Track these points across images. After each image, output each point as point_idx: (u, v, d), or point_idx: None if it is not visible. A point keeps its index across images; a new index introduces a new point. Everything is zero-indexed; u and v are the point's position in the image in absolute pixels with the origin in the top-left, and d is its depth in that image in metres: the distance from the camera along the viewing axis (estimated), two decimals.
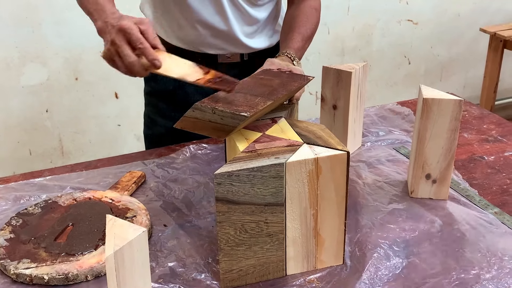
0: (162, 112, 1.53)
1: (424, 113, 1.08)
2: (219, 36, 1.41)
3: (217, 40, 1.42)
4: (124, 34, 1.01)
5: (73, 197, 1.14)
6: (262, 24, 1.46)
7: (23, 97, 2.44)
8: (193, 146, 1.35)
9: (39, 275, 0.93)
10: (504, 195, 1.16)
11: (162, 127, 1.53)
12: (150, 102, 1.57)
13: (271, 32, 1.50)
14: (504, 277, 0.93)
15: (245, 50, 1.46)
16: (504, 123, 1.47)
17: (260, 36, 1.47)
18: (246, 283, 0.93)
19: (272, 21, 1.50)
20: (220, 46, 1.43)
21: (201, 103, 0.95)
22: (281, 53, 1.31)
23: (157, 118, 1.55)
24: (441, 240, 1.02)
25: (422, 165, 1.13)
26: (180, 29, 1.41)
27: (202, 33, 1.40)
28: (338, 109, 1.27)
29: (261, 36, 1.48)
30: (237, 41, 1.43)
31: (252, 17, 1.42)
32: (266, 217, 0.89)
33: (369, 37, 3.09)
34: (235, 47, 1.44)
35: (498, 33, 3.01)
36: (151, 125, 1.57)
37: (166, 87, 1.49)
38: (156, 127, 1.55)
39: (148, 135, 1.59)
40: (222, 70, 1.44)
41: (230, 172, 0.85)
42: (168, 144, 1.39)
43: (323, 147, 0.92)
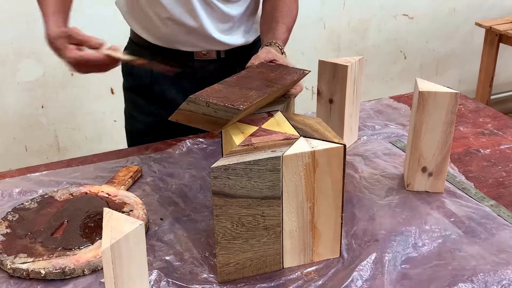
0: (141, 108, 1.51)
1: (420, 106, 1.08)
2: (191, 33, 1.37)
3: (190, 38, 1.38)
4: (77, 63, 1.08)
5: (69, 192, 1.14)
6: (238, 21, 1.42)
7: (19, 94, 2.43)
8: (190, 141, 1.35)
9: (36, 270, 0.93)
10: (500, 187, 1.17)
11: (141, 123, 1.52)
12: (129, 98, 1.55)
13: (248, 28, 1.47)
14: (501, 269, 0.94)
15: (220, 47, 1.42)
16: (499, 117, 1.47)
17: (236, 33, 1.43)
18: (243, 276, 0.93)
19: (249, 17, 1.45)
20: (194, 43, 1.40)
21: (195, 96, 0.95)
22: (270, 42, 1.29)
23: (135, 113, 1.53)
24: (438, 232, 1.03)
25: (418, 158, 1.13)
26: (153, 26, 1.39)
27: (174, 30, 1.37)
28: (334, 103, 1.27)
29: (237, 32, 1.44)
30: (211, 39, 1.39)
31: (225, 14, 1.38)
32: (263, 210, 0.89)
33: (365, 32, 3.09)
34: (210, 44, 1.40)
35: (493, 27, 3.02)
36: (131, 121, 1.56)
37: (143, 82, 1.47)
38: (136, 123, 1.54)
39: (129, 131, 1.58)
40: (199, 66, 1.43)
41: (227, 165, 0.85)
42: (150, 139, 1.38)
43: (320, 140, 0.92)
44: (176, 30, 1.37)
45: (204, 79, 1.37)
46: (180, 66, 1.36)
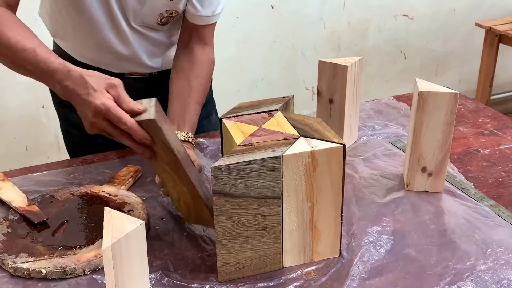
0: (75, 123, 1.37)
1: (420, 107, 1.09)
2: (124, 59, 1.33)
3: (122, 63, 1.33)
4: (103, 115, 0.92)
5: (70, 191, 1.14)
6: (166, 46, 1.38)
7: (19, 93, 2.43)
8: None
9: (37, 269, 0.93)
10: (499, 187, 1.17)
11: (79, 138, 1.43)
12: (62, 114, 1.47)
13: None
14: (499, 268, 0.94)
15: (152, 70, 1.38)
16: (499, 117, 1.48)
17: (166, 57, 1.39)
18: (243, 276, 0.93)
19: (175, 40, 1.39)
20: (125, 68, 1.35)
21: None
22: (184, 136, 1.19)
23: (72, 130, 1.45)
24: (437, 232, 1.03)
25: (418, 158, 1.13)
26: (82, 49, 1.32)
27: (107, 57, 1.31)
28: (334, 103, 1.28)
29: (167, 56, 1.39)
30: (143, 64, 1.35)
31: (156, 40, 1.33)
32: (263, 210, 0.90)
33: (365, 32, 3.09)
34: (142, 68, 1.36)
35: (493, 27, 3.02)
36: (70, 138, 1.49)
37: None
38: (74, 138, 1.46)
39: (70, 148, 1.51)
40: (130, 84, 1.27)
41: (227, 165, 0.85)
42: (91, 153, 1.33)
43: (320, 140, 0.92)
44: (109, 57, 1.31)
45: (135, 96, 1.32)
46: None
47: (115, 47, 1.29)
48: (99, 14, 1.23)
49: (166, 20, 1.29)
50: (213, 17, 1.30)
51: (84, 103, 0.94)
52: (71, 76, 0.97)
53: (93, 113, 0.92)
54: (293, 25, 2.85)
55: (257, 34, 2.78)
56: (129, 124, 0.90)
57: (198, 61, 1.31)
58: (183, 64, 1.30)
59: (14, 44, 1.03)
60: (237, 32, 2.72)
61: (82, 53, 1.33)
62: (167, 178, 0.97)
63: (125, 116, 0.90)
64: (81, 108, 0.95)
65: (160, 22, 1.29)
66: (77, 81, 0.96)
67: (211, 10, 1.28)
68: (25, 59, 1.03)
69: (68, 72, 0.98)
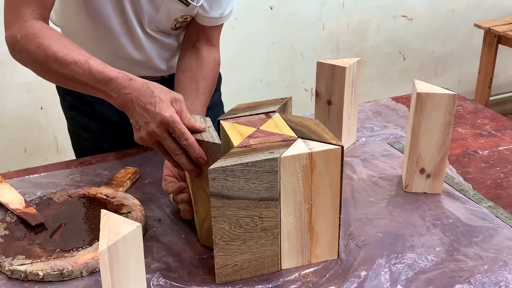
0: (84, 126, 1.42)
1: (418, 108, 1.08)
2: (137, 64, 1.32)
3: (135, 68, 1.31)
4: (167, 127, 0.92)
5: (67, 193, 1.14)
6: (177, 48, 1.37)
7: (18, 95, 2.43)
8: None
9: (34, 271, 0.93)
10: (498, 189, 1.17)
11: (88, 141, 1.44)
12: (70, 117, 1.47)
13: None
14: (498, 270, 0.94)
15: (163, 73, 1.39)
16: (498, 118, 1.47)
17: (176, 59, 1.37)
18: (241, 278, 0.93)
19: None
20: (139, 72, 1.31)
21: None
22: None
23: (81, 132, 1.45)
24: (436, 233, 1.03)
25: (417, 160, 1.13)
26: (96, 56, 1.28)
27: (120, 62, 1.29)
28: (332, 104, 1.28)
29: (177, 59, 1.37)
30: (155, 68, 1.35)
31: (168, 44, 1.34)
32: (261, 211, 0.89)
33: (364, 33, 3.09)
34: (154, 72, 1.36)
35: (492, 28, 3.02)
36: (77, 140, 1.48)
37: (84, 100, 1.38)
38: (82, 141, 1.46)
39: (77, 150, 1.50)
40: None
41: (225, 167, 0.85)
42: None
43: (318, 142, 0.92)
44: (121, 62, 1.29)
45: None
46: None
47: (129, 52, 1.29)
48: (114, 21, 1.23)
49: (181, 25, 1.30)
50: (221, 18, 1.30)
51: (148, 112, 0.93)
52: (133, 84, 0.96)
53: (158, 123, 0.92)
54: (292, 26, 2.85)
55: (256, 35, 2.78)
56: (190, 140, 0.91)
57: (206, 62, 1.30)
58: (190, 63, 1.30)
59: (63, 56, 1.01)
60: (236, 33, 2.72)
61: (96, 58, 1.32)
62: (201, 197, 0.97)
63: (188, 132, 0.92)
64: (141, 118, 0.94)
65: (175, 27, 1.29)
66: (141, 90, 0.95)
67: (220, 12, 1.28)
68: (77, 71, 1.01)
69: (129, 80, 0.97)
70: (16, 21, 1.07)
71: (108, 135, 1.22)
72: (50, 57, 1.02)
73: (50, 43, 1.03)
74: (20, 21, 1.07)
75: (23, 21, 1.07)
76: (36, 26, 1.07)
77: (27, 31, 1.06)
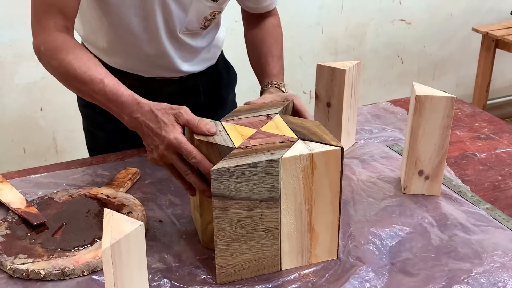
0: (100, 125, 1.43)
1: (417, 110, 1.09)
2: (158, 66, 1.34)
3: (156, 69, 1.35)
4: (174, 149, 0.96)
5: (68, 193, 1.15)
6: (199, 50, 1.39)
7: (17, 96, 2.43)
8: None
9: (35, 270, 0.93)
10: (496, 191, 1.18)
11: (103, 139, 1.45)
12: (86, 114, 1.48)
13: (209, 56, 1.44)
14: (495, 271, 0.95)
15: (183, 74, 1.39)
16: (495, 121, 1.49)
17: (198, 62, 1.41)
18: (241, 278, 0.94)
19: (210, 47, 1.43)
20: (159, 73, 1.36)
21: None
22: (267, 84, 1.26)
23: (96, 131, 1.46)
24: (434, 235, 1.04)
25: (415, 162, 1.14)
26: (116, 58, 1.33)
27: (140, 64, 1.33)
28: (332, 107, 1.28)
29: (199, 61, 1.41)
30: (176, 69, 1.36)
31: (191, 46, 1.35)
32: (262, 212, 0.90)
33: (363, 37, 3.10)
34: (174, 73, 1.38)
35: (490, 32, 3.03)
36: (92, 138, 1.50)
37: None
38: (98, 140, 1.47)
39: (91, 148, 1.51)
40: (159, 87, 1.37)
41: (227, 168, 0.86)
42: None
43: (318, 143, 0.93)
44: (141, 64, 1.33)
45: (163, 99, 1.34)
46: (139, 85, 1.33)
47: (150, 56, 1.31)
48: (138, 28, 1.24)
49: (209, 23, 1.31)
50: (272, 3, 1.39)
51: (157, 136, 0.98)
52: (141, 108, 1.01)
53: (166, 146, 0.96)
54: (291, 29, 2.85)
55: None
56: (198, 158, 0.94)
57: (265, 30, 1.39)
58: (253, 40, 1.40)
59: (81, 74, 1.06)
60: (236, 36, 2.72)
61: (115, 60, 1.34)
62: (208, 201, 0.97)
63: (195, 151, 0.94)
64: (151, 140, 0.99)
65: (204, 25, 1.30)
66: (147, 115, 1.00)
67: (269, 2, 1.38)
68: (93, 90, 1.06)
69: (138, 105, 1.02)
70: (40, 33, 1.11)
71: (124, 135, 1.23)
72: (71, 74, 1.07)
73: (70, 60, 1.07)
74: (44, 33, 1.11)
75: (47, 33, 1.10)
76: (59, 40, 1.10)
77: (50, 44, 1.10)
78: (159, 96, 1.35)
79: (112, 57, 1.33)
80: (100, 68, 1.08)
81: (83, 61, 1.07)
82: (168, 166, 1.00)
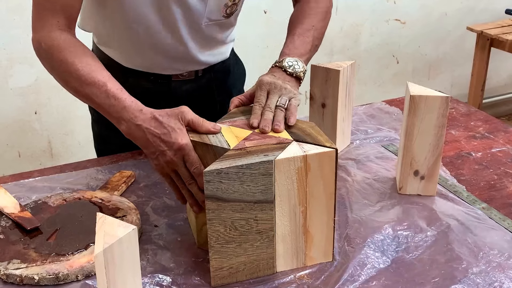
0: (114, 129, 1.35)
1: (412, 110, 1.09)
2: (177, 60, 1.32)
3: (174, 64, 1.33)
4: (183, 154, 0.95)
5: (62, 197, 1.14)
6: (220, 42, 1.37)
7: (12, 99, 2.42)
8: None
9: (29, 275, 0.93)
10: (492, 190, 1.18)
11: (114, 145, 1.39)
12: (98, 117, 1.42)
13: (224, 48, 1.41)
14: (492, 271, 0.94)
15: (201, 66, 1.37)
16: (491, 120, 1.48)
17: (217, 51, 1.38)
18: (236, 281, 0.93)
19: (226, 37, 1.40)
20: (176, 67, 1.34)
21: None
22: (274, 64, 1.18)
23: (109, 134, 1.38)
24: (430, 235, 1.03)
25: (410, 162, 1.14)
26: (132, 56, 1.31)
27: (158, 59, 1.31)
28: (326, 107, 1.28)
29: (218, 51, 1.39)
30: (195, 61, 1.34)
31: (212, 37, 1.33)
32: (256, 214, 0.90)
33: (357, 37, 3.10)
34: (192, 66, 1.35)
35: (485, 31, 3.04)
36: (104, 142, 1.47)
37: None
38: (109, 144, 1.43)
39: (100, 151, 1.48)
40: (176, 87, 1.36)
41: (219, 169, 0.85)
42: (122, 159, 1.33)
43: (312, 145, 0.92)
44: (159, 59, 1.31)
45: (181, 98, 1.33)
46: (156, 86, 1.33)
47: (169, 49, 1.28)
48: (155, 21, 1.22)
49: (231, 10, 1.28)
50: None
51: (165, 142, 0.95)
52: (143, 115, 0.98)
53: (175, 151, 0.95)
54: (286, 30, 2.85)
55: (249, 39, 2.78)
56: (198, 171, 0.94)
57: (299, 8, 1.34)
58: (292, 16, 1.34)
59: (84, 76, 1.03)
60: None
61: (131, 59, 1.32)
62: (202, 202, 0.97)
63: (199, 163, 0.95)
64: (157, 146, 0.96)
65: (226, 13, 1.27)
66: (151, 122, 0.97)
67: None
68: (94, 93, 1.02)
69: (140, 111, 0.99)
70: (42, 29, 1.09)
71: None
72: (73, 74, 1.05)
73: (73, 60, 1.05)
74: (46, 30, 1.09)
75: (48, 31, 1.08)
76: (61, 39, 1.08)
77: (52, 43, 1.07)
78: (176, 96, 1.36)
79: (128, 55, 1.31)
80: (103, 71, 1.05)
81: (86, 62, 1.05)
82: (172, 172, 0.98)
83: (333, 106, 1.27)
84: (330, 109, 1.28)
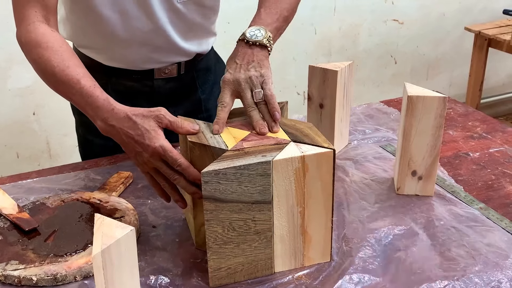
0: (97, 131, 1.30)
1: (409, 111, 1.09)
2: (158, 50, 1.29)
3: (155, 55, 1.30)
4: (159, 156, 0.93)
5: (61, 198, 1.14)
6: (204, 30, 1.35)
7: (10, 100, 2.42)
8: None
9: (27, 276, 0.93)
10: (489, 190, 1.18)
11: (97, 147, 1.38)
12: (81, 120, 1.42)
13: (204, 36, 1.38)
14: (489, 271, 0.94)
15: (180, 56, 1.34)
16: (488, 120, 1.49)
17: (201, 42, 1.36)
18: (234, 281, 0.94)
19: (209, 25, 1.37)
20: (159, 59, 1.31)
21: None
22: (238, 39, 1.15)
23: (91, 137, 1.40)
24: (427, 235, 1.04)
25: (408, 162, 1.14)
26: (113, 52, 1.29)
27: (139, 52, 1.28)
28: (324, 108, 1.28)
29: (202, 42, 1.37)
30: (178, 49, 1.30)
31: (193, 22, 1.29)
32: (254, 215, 0.90)
33: (356, 37, 3.10)
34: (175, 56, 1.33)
35: (482, 32, 3.04)
36: (87, 145, 1.44)
37: None
38: (93, 147, 1.41)
39: (84, 154, 1.46)
40: (158, 85, 1.34)
41: (217, 170, 0.85)
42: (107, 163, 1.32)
43: (310, 145, 0.92)
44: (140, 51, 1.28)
45: (165, 97, 1.32)
46: (139, 86, 1.32)
47: (148, 37, 1.25)
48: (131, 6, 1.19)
49: None
50: None
51: (139, 144, 0.94)
52: (115, 115, 0.96)
53: (151, 153, 0.93)
54: None
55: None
56: (184, 165, 0.93)
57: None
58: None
59: (59, 73, 1.01)
60: (228, 37, 2.72)
61: (110, 55, 1.30)
62: (201, 202, 0.95)
63: (180, 158, 0.93)
64: (134, 147, 0.95)
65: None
66: (124, 122, 0.95)
67: None
68: (70, 91, 1.01)
69: (112, 111, 0.97)
70: (21, 23, 1.08)
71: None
72: (49, 71, 1.03)
73: (49, 56, 1.03)
74: (25, 23, 1.07)
75: (27, 23, 1.07)
76: (38, 31, 1.06)
77: (30, 36, 1.06)
78: (160, 95, 1.35)
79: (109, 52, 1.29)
80: (78, 68, 1.03)
81: (61, 58, 1.03)
82: (153, 170, 0.97)
83: (331, 107, 1.27)
84: (328, 110, 1.28)
